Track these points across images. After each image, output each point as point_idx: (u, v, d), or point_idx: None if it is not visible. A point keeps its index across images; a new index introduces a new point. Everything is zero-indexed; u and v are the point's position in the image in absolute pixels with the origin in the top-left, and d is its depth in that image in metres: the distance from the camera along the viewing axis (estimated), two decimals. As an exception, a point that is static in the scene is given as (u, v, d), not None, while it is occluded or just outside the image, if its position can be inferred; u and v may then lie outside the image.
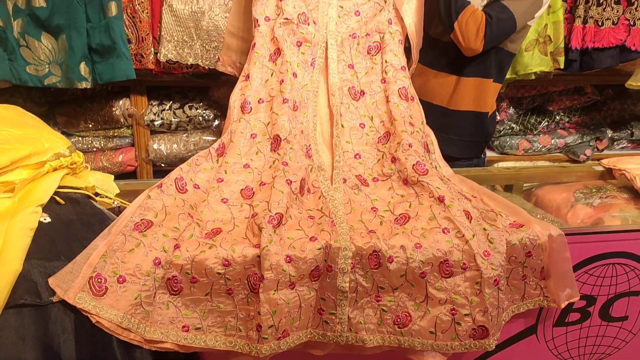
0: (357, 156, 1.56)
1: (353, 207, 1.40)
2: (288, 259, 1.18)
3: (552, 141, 2.71)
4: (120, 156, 2.20)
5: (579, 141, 2.74)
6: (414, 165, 1.46)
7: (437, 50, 1.92)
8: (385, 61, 1.69)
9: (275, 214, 1.25)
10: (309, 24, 1.68)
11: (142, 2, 1.84)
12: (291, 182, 1.37)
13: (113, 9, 1.73)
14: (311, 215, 1.35)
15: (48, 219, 1.15)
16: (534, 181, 1.92)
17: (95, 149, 2.19)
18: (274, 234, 1.20)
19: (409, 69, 1.74)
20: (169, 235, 1.20)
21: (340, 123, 1.60)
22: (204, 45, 1.90)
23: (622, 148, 2.88)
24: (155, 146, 2.22)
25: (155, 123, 2.18)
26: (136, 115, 2.15)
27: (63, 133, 2.15)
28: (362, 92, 1.67)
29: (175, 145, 2.24)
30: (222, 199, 1.39)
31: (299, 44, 1.67)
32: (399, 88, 1.64)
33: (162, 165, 2.26)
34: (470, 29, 1.71)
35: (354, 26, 1.73)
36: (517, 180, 1.88)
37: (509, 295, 1.37)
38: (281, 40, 1.63)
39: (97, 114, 2.12)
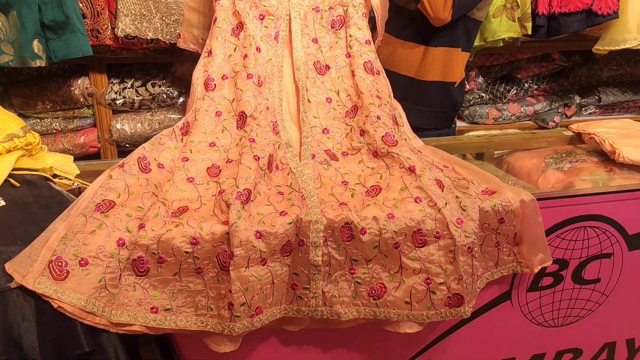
0: (325, 131, 1.52)
1: (323, 182, 1.37)
2: (258, 234, 1.15)
3: (522, 109, 2.72)
4: (82, 137, 2.12)
5: (548, 108, 2.75)
6: (383, 136, 1.43)
7: (404, 19, 1.88)
8: (350, 35, 1.64)
9: (244, 190, 1.21)
10: (270, -4, 1.62)
11: (96, -26, 1.75)
12: (259, 158, 1.33)
13: (65, -17, 1.64)
14: (280, 191, 1.31)
15: (2, 203, 1.09)
16: (504, 148, 1.92)
17: (55, 131, 2.10)
18: (243, 210, 1.17)
19: (374, 42, 1.70)
20: (132, 215, 1.15)
21: (306, 98, 1.56)
22: (164, 18, 1.83)
23: (590, 114, 2.90)
24: (118, 126, 2.15)
25: (117, 102, 2.10)
26: (96, 95, 2.06)
27: (20, 115, 2.06)
28: (327, 67, 1.62)
29: (139, 125, 2.17)
30: (187, 178, 1.34)
31: (261, 17, 1.61)
32: (364, 62, 1.60)
33: (127, 145, 2.19)
34: (438, 0, 1.67)
35: None
36: (488, 148, 1.87)
37: (483, 263, 1.37)
38: (243, 13, 1.57)
39: (54, 94, 2.03)
